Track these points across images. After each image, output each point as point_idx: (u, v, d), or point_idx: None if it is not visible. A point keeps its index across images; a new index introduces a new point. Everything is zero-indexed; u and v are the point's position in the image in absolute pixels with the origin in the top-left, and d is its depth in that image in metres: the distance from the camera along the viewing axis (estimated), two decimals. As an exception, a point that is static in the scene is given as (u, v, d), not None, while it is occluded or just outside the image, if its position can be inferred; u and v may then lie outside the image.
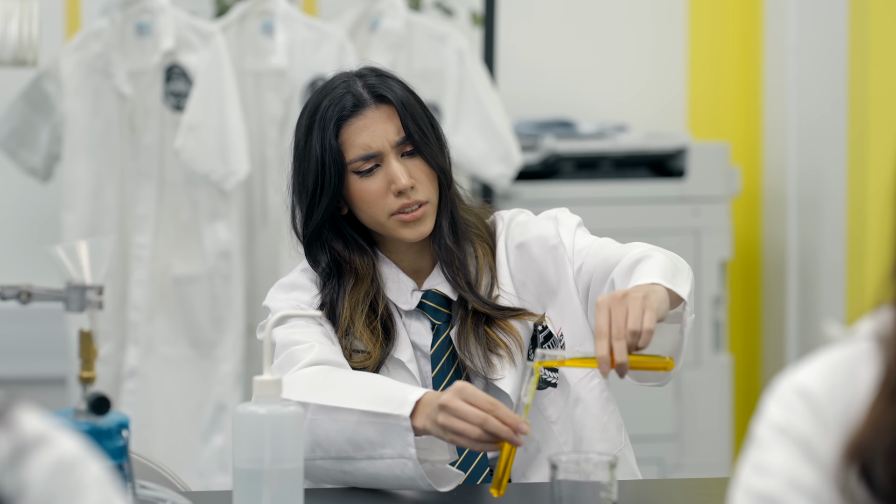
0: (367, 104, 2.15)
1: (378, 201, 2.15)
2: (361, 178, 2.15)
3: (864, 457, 1.07)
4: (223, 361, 3.87)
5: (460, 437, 1.88)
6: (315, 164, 2.15)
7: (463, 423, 1.87)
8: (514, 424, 1.86)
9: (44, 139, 3.95)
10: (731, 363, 4.31)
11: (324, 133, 2.14)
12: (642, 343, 1.86)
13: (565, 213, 2.28)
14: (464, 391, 1.89)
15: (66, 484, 1.15)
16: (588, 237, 2.23)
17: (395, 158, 2.15)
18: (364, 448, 1.98)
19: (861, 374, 1.12)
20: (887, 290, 1.12)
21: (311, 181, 2.16)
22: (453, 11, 4.30)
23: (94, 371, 1.61)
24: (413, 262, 2.23)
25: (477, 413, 1.87)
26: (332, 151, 2.14)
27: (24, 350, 4.21)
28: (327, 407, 1.99)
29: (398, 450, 1.95)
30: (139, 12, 3.85)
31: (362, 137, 2.15)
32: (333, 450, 2.00)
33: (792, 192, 4.48)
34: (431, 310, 2.21)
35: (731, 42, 4.70)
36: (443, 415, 1.89)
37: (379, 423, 1.96)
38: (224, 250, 3.85)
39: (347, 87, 2.17)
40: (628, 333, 1.85)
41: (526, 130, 4.27)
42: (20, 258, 4.29)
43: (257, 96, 3.92)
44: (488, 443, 1.88)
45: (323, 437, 1.99)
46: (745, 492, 1.14)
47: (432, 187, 2.17)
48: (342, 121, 2.15)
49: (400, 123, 2.15)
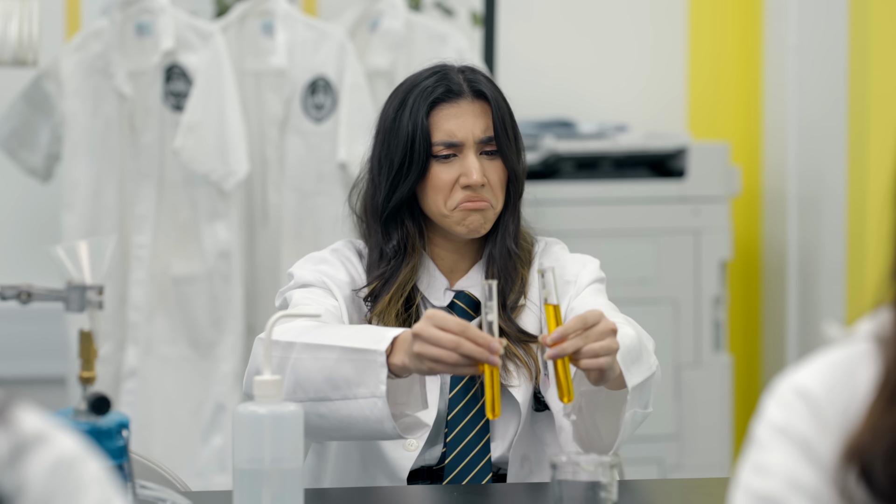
0: (463, 94, 2.20)
1: (445, 190, 2.18)
2: (438, 163, 2.19)
3: (863, 459, 1.07)
4: (223, 361, 3.87)
5: (438, 364, 1.89)
6: (405, 140, 2.18)
7: (438, 350, 1.87)
8: (485, 343, 1.86)
9: (44, 139, 3.95)
10: (731, 363, 4.31)
11: (417, 112, 2.18)
12: (584, 364, 1.88)
13: (594, 264, 2.29)
14: (433, 317, 1.89)
15: (65, 482, 1.15)
16: (601, 297, 2.23)
17: (474, 153, 2.18)
18: (340, 387, 1.99)
19: (860, 375, 1.12)
20: (886, 291, 1.12)
21: (398, 157, 2.19)
22: (453, 11, 4.30)
23: (94, 371, 1.62)
24: (453, 262, 2.25)
25: (450, 338, 1.87)
26: (422, 130, 2.17)
27: (24, 350, 4.21)
28: (311, 345, 2.01)
29: (370, 388, 1.96)
30: (139, 12, 3.85)
31: (450, 124, 2.18)
32: (312, 390, 2.01)
33: (792, 192, 4.48)
34: (460, 310, 2.23)
35: (731, 42, 4.70)
36: (417, 343, 1.89)
37: (357, 359, 1.97)
38: (224, 250, 3.85)
39: (446, 75, 2.22)
40: (587, 349, 1.87)
41: (526, 130, 4.23)
42: (20, 258, 4.29)
43: (257, 96, 3.92)
44: (466, 366, 1.88)
45: (304, 377, 2.01)
46: (744, 492, 1.14)
47: (501, 193, 2.21)
48: (436, 103, 2.19)
49: (489, 122, 2.20)
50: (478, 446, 2.17)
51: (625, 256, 4.20)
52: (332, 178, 3.87)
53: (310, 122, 3.88)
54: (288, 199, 3.87)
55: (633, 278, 4.21)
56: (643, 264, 4.23)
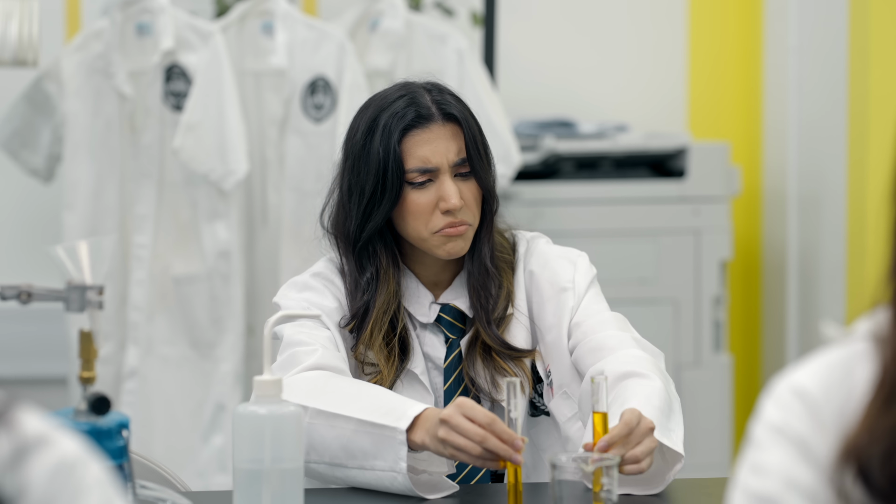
0: (433, 118, 2.16)
1: (424, 216, 2.15)
2: (413, 190, 2.15)
3: (861, 459, 1.07)
4: (223, 361, 3.87)
5: (460, 453, 1.89)
6: (376, 167, 2.15)
7: (463, 440, 1.88)
8: (509, 440, 1.86)
9: (45, 140, 3.95)
10: (731, 363, 4.31)
11: (388, 139, 2.14)
12: (626, 470, 1.87)
13: (584, 260, 2.27)
14: (463, 406, 1.89)
15: (66, 485, 1.15)
16: (600, 304, 2.22)
17: (449, 177, 2.16)
18: (357, 457, 1.98)
19: (857, 375, 1.12)
20: (884, 291, 1.12)
21: (370, 185, 2.16)
22: (453, 11, 4.30)
23: (94, 371, 1.62)
24: (435, 275, 2.24)
25: (476, 431, 1.87)
26: (395, 157, 2.14)
27: (24, 350, 4.21)
28: (326, 412, 1.99)
29: (389, 463, 1.96)
30: (139, 12, 3.85)
31: (423, 150, 2.15)
32: (327, 455, 2.00)
33: (792, 192, 4.48)
34: (447, 323, 2.22)
35: (731, 42, 4.70)
36: (444, 429, 1.89)
37: (375, 433, 1.96)
38: (223, 250, 3.85)
39: (414, 98, 2.17)
40: (630, 456, 1.87)
41: (526, 130, 4.27)
42: (20, 258, 4.29)
43: (257, 96, 3.92)
44: (488, 459, 1.88)
45: (318, 442, 1.99)
46: (742, 492, 1.14)
47: (477, 211, 2.18)
48: (407, 130, 2.15)
49: (461, 144, 2.17)
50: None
51: (625, 256, 4.20)
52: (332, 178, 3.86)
53: (309, 122, 3.88)
54: (287, 198, 3.87)
55: (633, 278, 4.21)
56: (643, 264, 4.23)
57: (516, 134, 4.12)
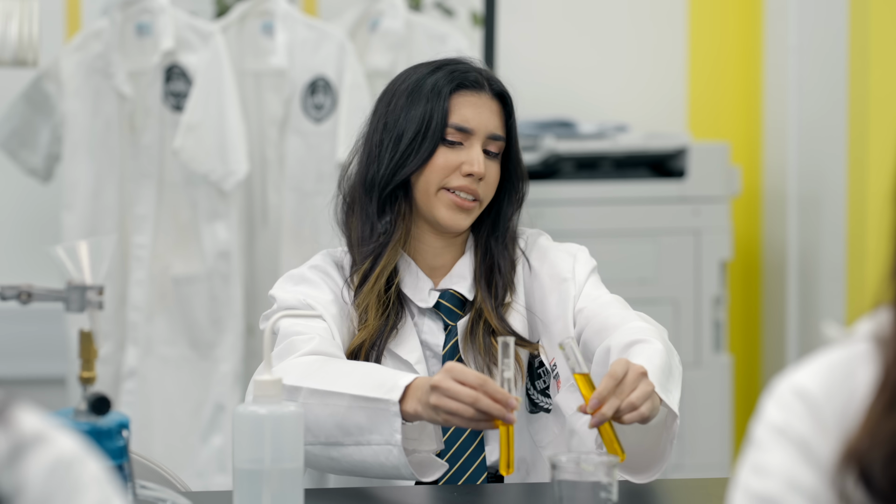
0: (485, 88, 2.22)
1: (443, 171, 2.18)
2: (443, 147, 2.19)
3: (862, 462, 1.07)
4: (222, 361, 3.87)
5: (454, 417, 1.89)
6: (422, 114, 2.18)
7: (455, 403, 1.87)
8: (503, 400, 1.86)
9: (44, 139, 3.95)
10: (731, 363, 4.31)
11: (441, 89, 2.18)
12: (627, 419, 1.88)
13: (584, 252, 2.29)
14: (453, 370, 1.89)
15: (63, 483, 1.15)
16: (600, 289, 2.24)
17: (479, 146, 2.19)
18: (353, 433, 1.99)
19: (859, 375, 1.12)
20: (886, 291, 1.12)
21: (411, 130, 2.19)
22: (453, 11, 4.30)
23: (94, 371, 1.61)
24: (432, 258, 2.24)
25: (468, 392, 1.87)
26: (442, 109, 2.18)
27: (24, 350, 4.21)
28: (319, 391, 2.00)
29: (385, 436, 1.96)
30: (139, 12, 3.85)
31: (468, 111, 2.19)
32: (323, 435, 2.01)
33: (792, 192, 4.48)
34: (446, 310, 2.22)
35: (731, 42, 4.70)
36: (435, 395, 1.89)
37: (368, 407, 1.96)
38: (223, 250, 3.85)
39: (472, 66, 2.23)
40: (626, 404, 1.87)
41: (526, 130, 4.27)
42: (20, 258, 4.29)
43: (257, 96, 3.92)
44: (482, 421, 1.89)
45: (313, 422, 2.00)
46: (743, 493, 1.14)
47: (493, 191, 2.22)
48: (460, 87, 2.20)
49: (500, 123, 2.22)
50: (471, 447, 2.17)
51: (625, 256, 4.20)
52: (332, 178, 3.86)
53: (309, 122, 3.88)
54: (287, 199, 3.87)
55: (633, 278, 4.21)
56: (643, 264, 4.23)
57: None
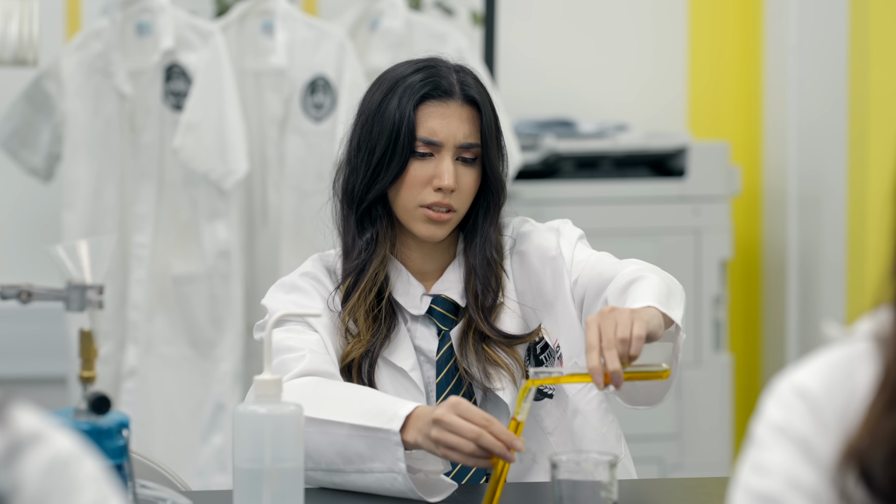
0: (453, 95, 2.17)
1: (416, 188, 2.15)
2: (414, 160, 2.15)
3: (863, 461, 1.07)
4: (222, 361, 3.87)
5: (453, 452, 1.87)
6: (389, 128, 2.15)
7: (457, 438, 1.86)
8: (507, 441, 1.85)
9: (45, 139, 3.95)
10: (731, 363, 4.31)
11: (405, 103, 2.14)
12: (634, 351, 1.85)
13: (568, 224, 2.27)
14: (458, 406, 1.88)
15: (60, 481, 1.15)
16: (587, 251, 2.23)
17: (450, 157, 2.15)
18: (354, 461, 1.97)
19: (859, 374, 1.12)
20: (886, 290, 1.12)
21: (381, 145, 2.16)
22: (453, 11, 4.30)
23: (94, 370, 1.61)
24: (421, 263, 2.22)
25: (471, 428, 1.85)
26: (408, 122, 2.14)
27: (24, 350, 4.21)
28: (317, 420, 1.98)
29: (388, 464, 1.95)
30: (139, 12, 3.85)
31: (434, 123, 2.15)
32: (324, 462, 2.00)
33: (792, 191, 4.48)
34: (439, 315, 2.20)
35: (731, 42, 4.70)
36: (436, 429, 1.88)
37: (369, 437, 1.95)
38: (223, 250, 3.85)
39: (440, 72, 2.18)
40: (617, 342, 1.84)
41: (526, 130, 4.27)
42: (20, 257, 4.29)
43: (257, 96, 3.92)
44: (481, 458, 1.87)
45: (313, 449, 1.98)
46: (744, 492, 1.14)
47: (469, 200, 2.18)
48: (425, 98, 2.16)
49: (474, 129, 2.16)
50: None
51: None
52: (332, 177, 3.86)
53: (309, 121, 3.88)
54: (287, 198, 3.87)
55: (633, 278, 4.20)
56: (643, 264, 4.23)
57: (516, 133, 4.12)
